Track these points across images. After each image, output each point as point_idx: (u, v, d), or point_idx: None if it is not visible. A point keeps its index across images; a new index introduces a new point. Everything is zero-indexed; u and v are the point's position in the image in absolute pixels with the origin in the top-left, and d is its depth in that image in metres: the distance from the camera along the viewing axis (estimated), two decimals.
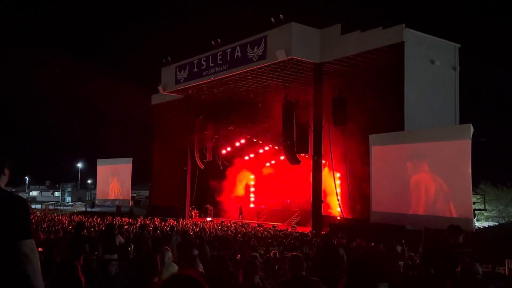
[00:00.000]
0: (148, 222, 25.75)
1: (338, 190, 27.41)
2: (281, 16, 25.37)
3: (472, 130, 17.13)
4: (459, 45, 25.96)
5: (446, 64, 25.24)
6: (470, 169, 16.85)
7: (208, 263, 7.30)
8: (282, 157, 32.16)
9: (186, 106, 36.44)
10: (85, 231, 14.91)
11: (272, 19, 25.63)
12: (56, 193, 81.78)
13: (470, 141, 16.99)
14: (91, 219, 26.22)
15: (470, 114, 30.51)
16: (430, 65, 24.38)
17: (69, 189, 76.06)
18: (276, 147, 33.94)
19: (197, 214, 36.51)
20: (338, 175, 27.73)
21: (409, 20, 23.42)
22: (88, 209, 50.57)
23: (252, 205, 37.18)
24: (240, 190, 36.81)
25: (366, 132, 23.02)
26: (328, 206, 28.38)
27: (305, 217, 29.73)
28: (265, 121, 31.84)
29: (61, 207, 58.39)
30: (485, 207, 24.24)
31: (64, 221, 24.93)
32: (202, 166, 36.39)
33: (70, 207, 60.79)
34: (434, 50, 24.66)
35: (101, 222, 23.85)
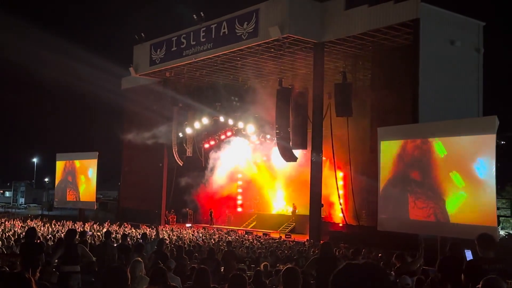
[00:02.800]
0: (116, 228, 25.71)
1: (341, 192, 27.53)
2: None
3: (497, 123, 17.24)
4: (484, 23, 26.09)
5: (469, 45, 25.35)
6: (495, 169, 16.99)
7: (187, 277, 7.34)
8: (275, 153, 32.20)
9: (163, 91, 36.29)
10: (39, 238, 14.87)
11: None
12: (7, 193, 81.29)
13: (494, 136, 17.11)
14: (48, 224, 26.12)
15: (495, 104, 30.79)
16: (450, 46, 24.46)
17: (22, 188, 75.67)
18: (269, 141, 33.97)
19: (175, 219, 36.51)
20: (340, 174, 27.86)
21: None
22: (45, 213, 50.33)
23: (239, 209, 37.25)
24: (225, 191, 36.82)
25: (374, 124, 23.12)
26: (329, 210, 28.50)
27: (302, 224, 29.85)
28: (256, 111, 31.83)
29: (13, 210, 57.92)
30: (511, 213, 24.49)
31: (17, 226, 24.83)
32: (181, 163, 36.34)
33: (23, 210, 60.41)
34: (455, 29, 24.76)
35: (60, 228, 23.79)
